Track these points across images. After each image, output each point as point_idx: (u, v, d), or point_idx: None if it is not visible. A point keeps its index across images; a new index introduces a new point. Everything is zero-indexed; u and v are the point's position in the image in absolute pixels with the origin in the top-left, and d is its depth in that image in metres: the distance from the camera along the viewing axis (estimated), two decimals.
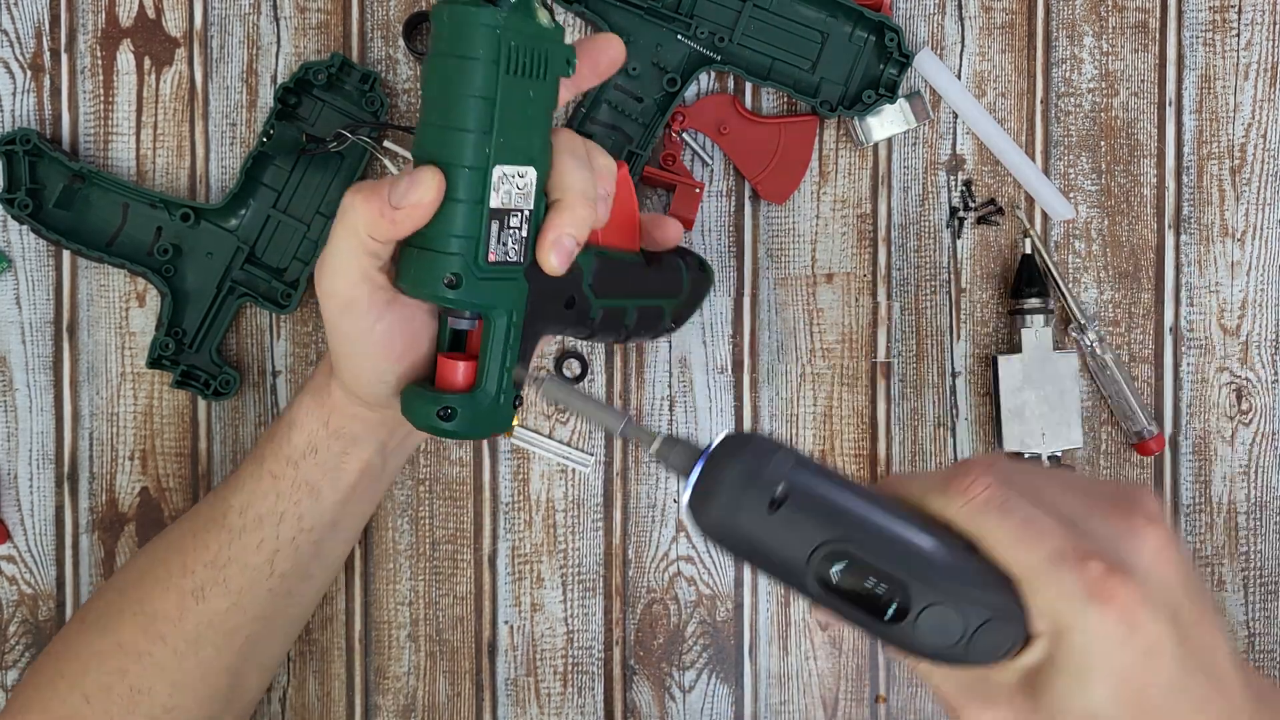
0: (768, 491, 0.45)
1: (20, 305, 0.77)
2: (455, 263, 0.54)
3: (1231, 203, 0.79)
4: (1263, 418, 0.80)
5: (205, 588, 0.65)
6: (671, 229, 0.66)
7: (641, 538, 0.79)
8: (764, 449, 0.47)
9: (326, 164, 0.76)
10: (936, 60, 0.78)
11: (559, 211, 0.56)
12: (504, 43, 0.53)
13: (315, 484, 0.65)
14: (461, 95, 0.53)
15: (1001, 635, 0.45)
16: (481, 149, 0.54)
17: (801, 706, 0.79)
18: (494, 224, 0.55)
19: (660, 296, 0.67)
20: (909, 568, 0.45)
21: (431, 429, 0.57)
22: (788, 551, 0.46)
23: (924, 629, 0.45)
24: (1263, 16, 0.79)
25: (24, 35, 0.77)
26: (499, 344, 0.57)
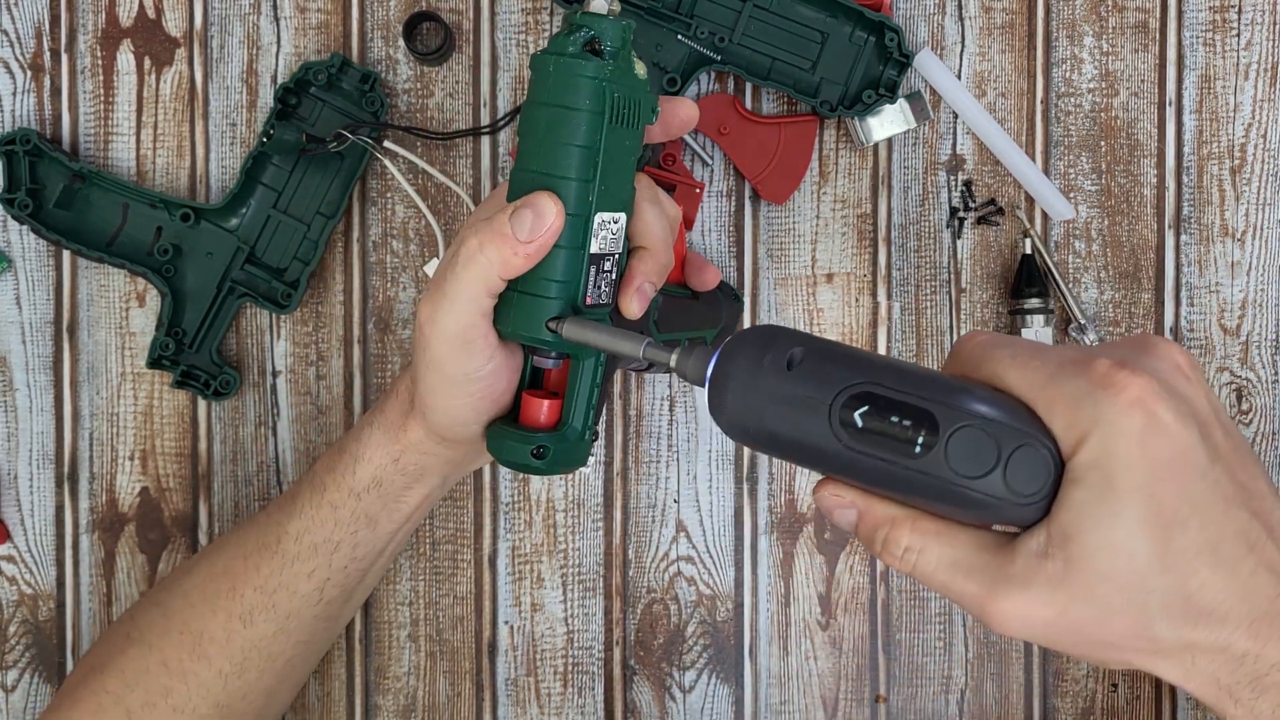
0: (782, 355, 0.45)
1: (20, 305, 0.77)
2: (557, 307, 0.56)
3: (1231, 203, 0.79)
4: (1263, 418, 0.80)
5: (254, 612, 0.66)
6: (710, 275, 0.68)
7: (641, 538, 0.79)
8: (771, 330, 0.47)
9: (326, 164, 0.76)
10: (936, 60, 0.78)
11: (643, 259, 0.58)
12: (608, 94, 0.54)
13: (374, 516, 0.65)
14: (567, 145, 0.54)
15: (1038, 461, 0.42)
16: (585, 197, 0.55)
17: (801, 706, 0.79)
18: (592, 268, 0.56)
19: (705, 328, 0.69)
20: (934, 397, 0.43)
21: (524, 467, 0.58)
22: (809, 407, 0.44)
23: (956, 454, 0.43)
24: (1263, 16, 0.79)
25: (24, 35, 0.77)
26: (586, 383, 0.58)
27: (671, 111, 0.60)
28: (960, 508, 0.44)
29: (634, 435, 0.79)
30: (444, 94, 0.78)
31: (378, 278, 0.78)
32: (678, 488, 0.79)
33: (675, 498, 0.79)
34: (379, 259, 0.78)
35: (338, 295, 0.78)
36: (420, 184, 0.78)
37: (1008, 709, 0.79)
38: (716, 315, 0.70)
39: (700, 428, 0.79)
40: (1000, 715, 0.79)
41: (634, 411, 0.79)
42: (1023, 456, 0.42)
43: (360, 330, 0.78)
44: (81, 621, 0.78)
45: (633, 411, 0.79)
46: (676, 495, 0.79)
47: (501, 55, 0.78)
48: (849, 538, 0.79)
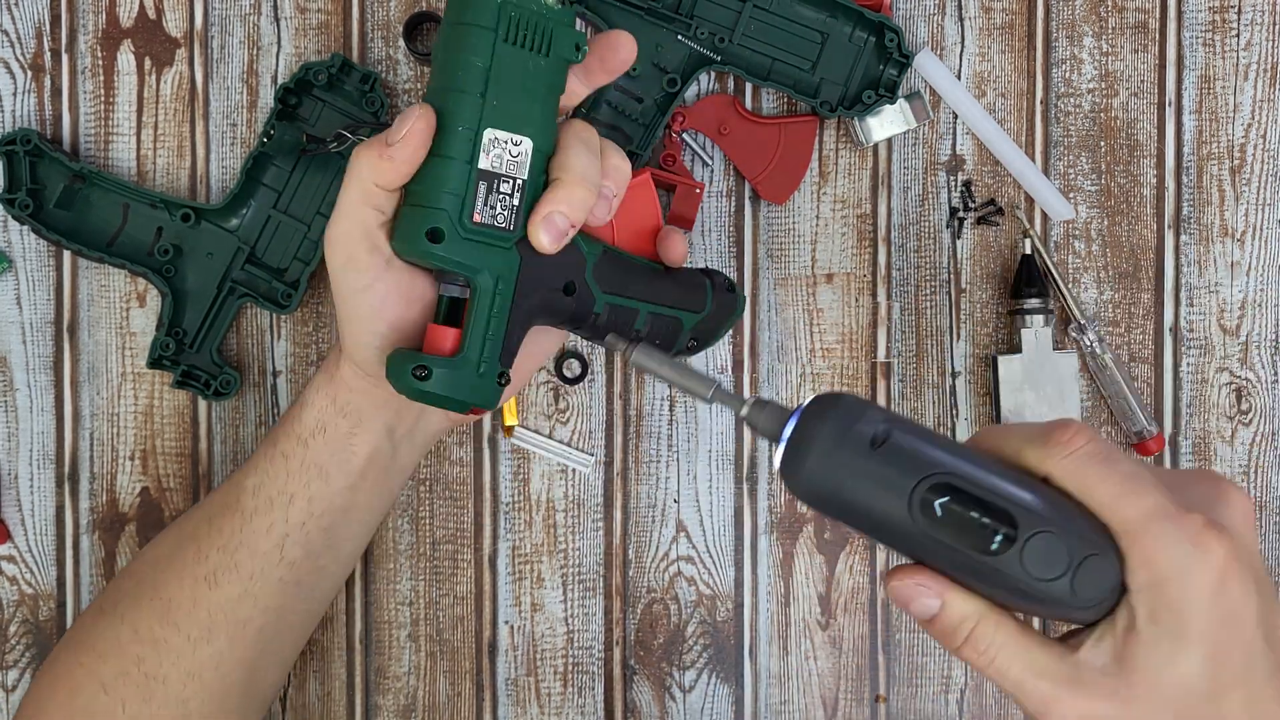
0: (868, 433, 0.46)
1: (21, 305, 0.78)
2: (439, 217, 0.56)
3: (1231, 203, 0.79)
4: (1262, 418, 0.80)
5: (218, 573, 0.66)
6: (676, 246, 0.67)
7: (641, 538, 0.79)
8: (856, 403, 0.47)
9: (327, 164, 0.76)
10: (936, 61, 0.78)
11: (554, 188, 0.58)
12: (504, 13, 0.56)
13: (324, 465, 0.65)
14: (458, 58, 0.56)
15: (1105, 572, 0.46)
16: (474, 110, 0.56)
17: (801, 706, 0.79)
18: (481, 185, 0.57)
19: (679, 308, 0.67)
20: (1014, 498, 0.46)
21: (411, 390, 0.57)
22: (890, 488, 0.46)
23: (1031, 556, 0.45)
24: (1263, 16, 0.79)
25: (24, 35, 0.77)
26: (484, 309, 0.58)
27: (607, 48, 0.60)
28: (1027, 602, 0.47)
29: (634, 435, 0.79)
30: None
31: None
32: (678, 488, 0.79)
33: (675, 498, 0.79)
34: None
35: None
36: None
37: (1008, 709, 0.79)
38: (699, 300, 0.68)
39: (700, 428, 0.79)
40: (1000, 715, 0.79)
41: (634, 411, 0.79)
42: (1091, 566, 0.46)
43: None
44: None
45: (633, 411, 0.79)
46: (676, 495, 0.79)
47: None
48: (849, 537, 0.79)
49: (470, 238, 0.57)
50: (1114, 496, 0.47)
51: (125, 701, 0.66)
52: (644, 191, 0.65)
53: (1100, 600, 0.47)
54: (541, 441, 0.79)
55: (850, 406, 0.47)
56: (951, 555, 0.46)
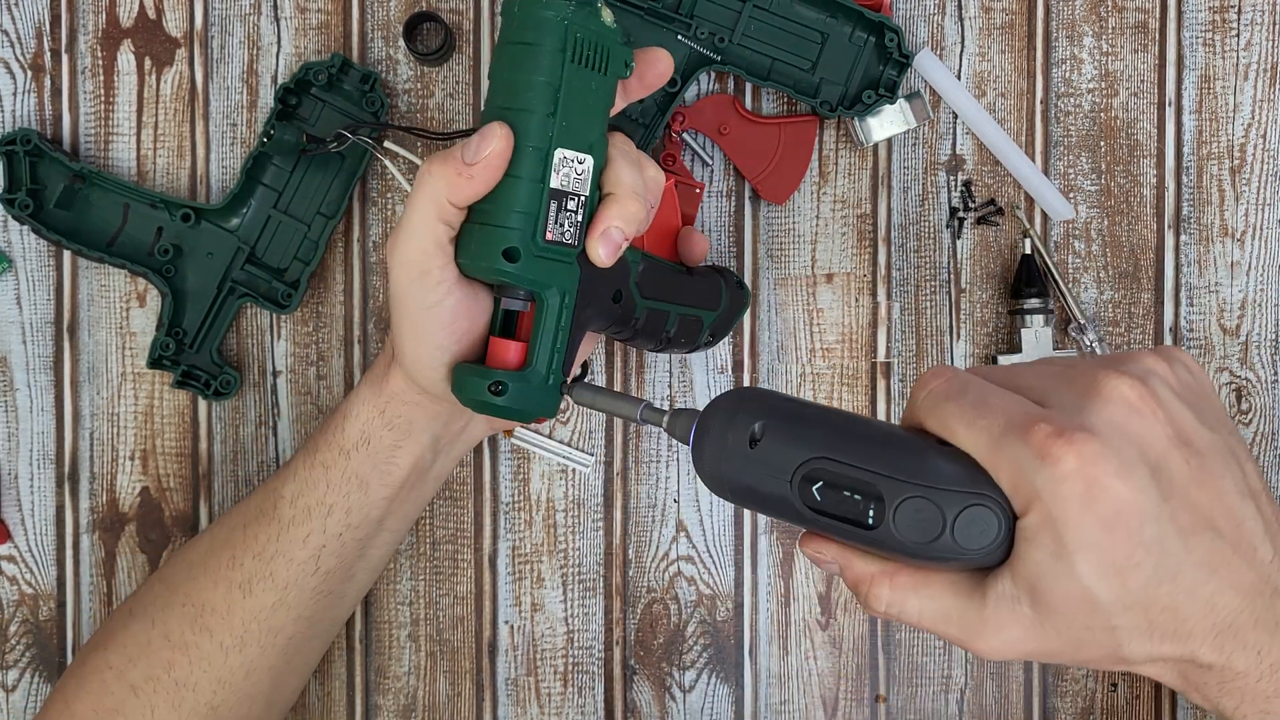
0: (744, 431, 0.48)
1: (21, 305, 0.78)
2: (514, 236, 0.57)
3: (1231, 203, 0.79)
4: (1262, 418, 0.80)
5: (253, 581, 0.66)
6: (698, 245, 0.69)
7: (641, 538, 0.79)
8: (741, 397, 0.50)
9: (327, 164, 0.76)
10: (936, 61, 0.78)
11: (610, 204, 0.59)
12: (570, 33, 0.57)
13: (365, 477, 0.66)
14: (529, 79, 0.57)
15: (985, 519, 0.45)
16: (545, 130, 0.57)
17: (801, 706, 0.79)
18: (552, 204, 0.58)
19: (700, 307, 0.69)
20: (878, 469, 0.46)
21: (483, 404, 0.59)
22: (772, 482, 0.48)
23: (903, 525, 0.45)
24: (1263, 16, 0.79)
25: (25, 35, 0.77)
26: (551, 324, 0.59)
27: (647, 64, 0.61)
28: (928, 564, 0.47)
29: (634, 435, 0.79)
30: (444, 94, 0.78)
31: (378, 278, 0.78)
32: (678, 488, 0.79)
33: (675, 498, 0.79)
34: (379, 259, 0.78)
35: (338, 295, 0.78)
36: None
37: (1007, 709, 0.79)
38: (715, 298, 0.70)
39: None
40: (1000, 715, 0.79)
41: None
42: (968, 518, 0.45)
43: (360, 330, 0.78)
44: (82, 621, 0.78)
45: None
46: (676, 495, 0.79)
47: None
48: None
49: (541, 255, 0.58)
50: (966, 427, 0.45)
51: (155, 706, 0.65)
52: (668, 197, 0.68)
53: (993, 543, 0.45)
54: (541, 441, 0.79)
55: (731, 407, 0.49)
56: (841, 531, 0.47)
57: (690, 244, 0.69)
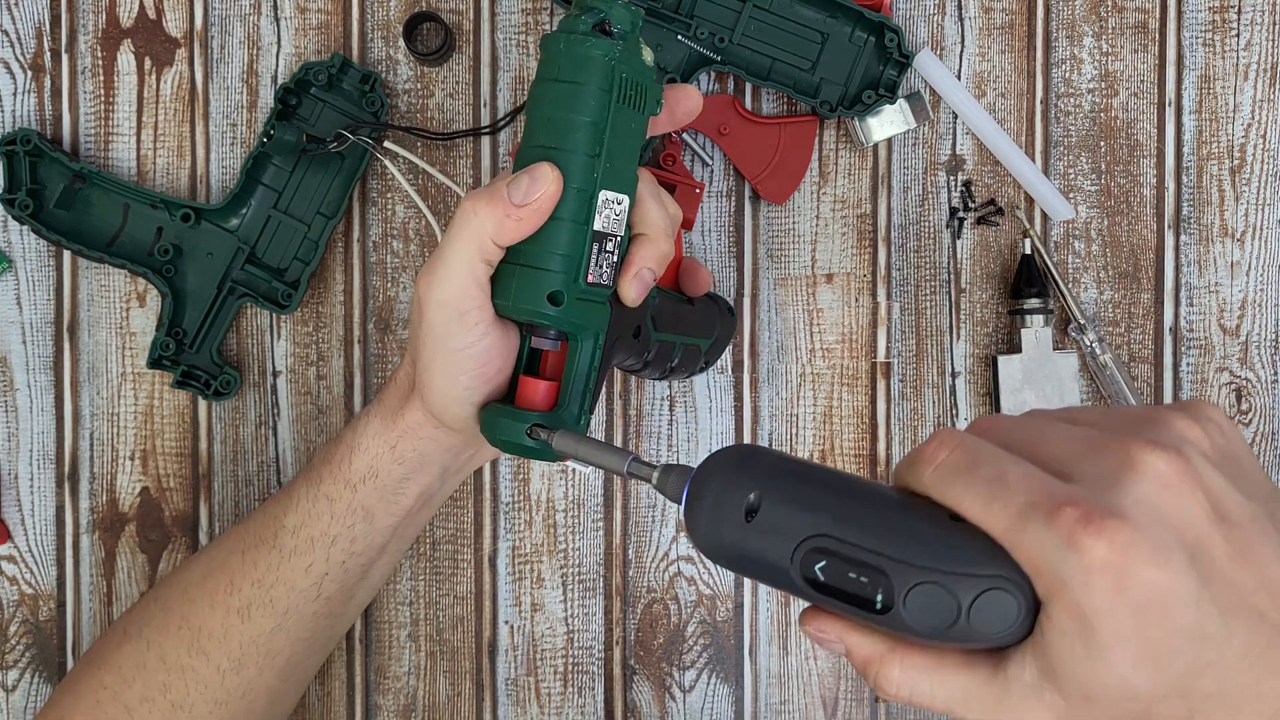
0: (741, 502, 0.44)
1: (21, 305, 0.78)
2: (558, 280, 0.56)
3: (1231, 203, 0.79)
4: (1262, 418, 0.80)
5: (251, 607, 0.65)
6: (703, 278, 0.68)
7: (641, 538, 0.79)
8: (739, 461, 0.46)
9: (327, 164, 0.76)
10: (936, 61, 0.78)
11: (643, 245, 0.58)
12: (616, 73, 0.55)
13: (371, 509, 0.65)
14: (574, 119, 0.55)
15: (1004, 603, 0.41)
16: (590, 172, 0.56)
17: (801, 706, 0.79)
18: (595, 246, 0.57)
19: (700, 336, 0.70)
20: (886, 552, 0.42)
21: (518, 449, 0.57)
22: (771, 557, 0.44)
23: (915, 612, 0.42)
24: (1263, 17, 0.79)
25: (25, 35, 0.77)
26: (584, 365, 0.58)
27: (677, 100, 0.60)
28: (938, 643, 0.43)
29: (634, 435, 0.79)
30: (444, 94, 0.78)
31: (378, 278, 0.78)
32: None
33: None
34: (379, 259, 0.78)
35: (338, 295, 0.78)
36: (420, 184, 0.78)
37: None
38: (711, 325, 0.70)
39: (700, 428, 0.79)
40: None
41: (634, 411, 0.79)
42: (986, 602, 0.41)
43: (360, 330, 0.78)
44: (82, 621, 0.78)
45: (633, 411, 0.79)
46: None
47: (501, 55, 0.78)
48: None
49: (583, 298, 0.57)
50: (982, 507, 0.41)
51: None
52: None
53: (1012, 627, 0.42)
54: None
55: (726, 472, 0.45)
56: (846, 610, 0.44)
57: (696, 276, 0.68)
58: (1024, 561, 0.41)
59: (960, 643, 0.42)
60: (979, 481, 0.42)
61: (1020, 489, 0.41)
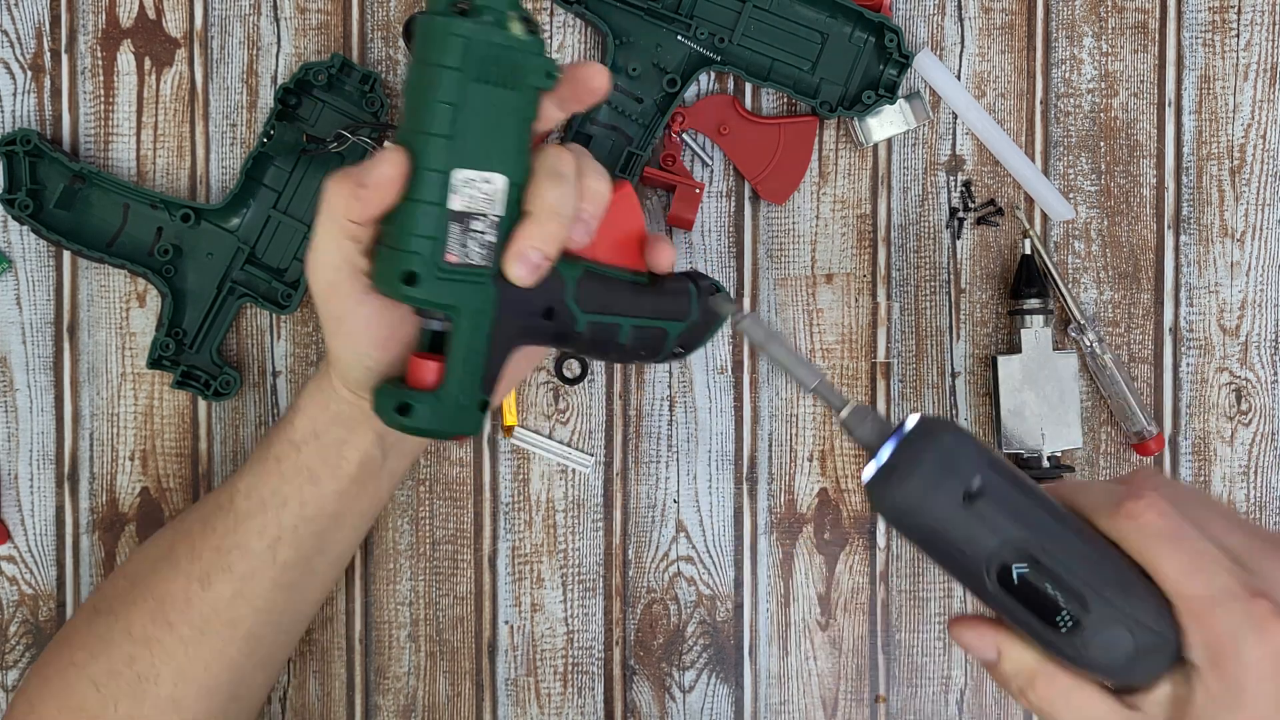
0: (964, 483, 0.46)
1: (21, 306, 0.78)
2: (413, 260, 0.56)
3: (1231, 203, 0.79)
4: (1262, 418, 0.80)
5: (211, 574, 0.66)
6: (662, 253, 0.65)
7: (641, 538, 0.79)
8: (961, 440, 0.47)
9: (327, 164, 0.76)
10: (936, 61, 0.78)
11: (525, 224, 0.57)
12: (471, 51, 0.54)
13: (315, 470, 0.66)
14: (427, 100, 0.55)
15: (1161, 658, 0.48)
16: (441, 152, 0.55)
17: (801, 706, 0.79)
18: (454, 225, 0.56)
19: (662, 319, 0.65)
20: (1092, 584, 0.47)
21: (392, 424, 0.58)
22: (974, 544, 0.46)
23: (1096, 645, 0.47)
24: (1262, 17, 0.79)
25: (24, 35, 0.77)
26: (461, 345, 0.58)
27: (579, 80, 0.59)
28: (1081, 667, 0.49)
29: (634, 435, 0.79)
30: None
31: None
32: (678, 488, 0.79)
33: (675, 498, 0.79)
34: None
35: None
36: None
37: (1007, 709, 0.79)
38: (682, 308, 0.66)
39: (700, 428, 0.79)
40: (1000, 715, 0.79)
41: (634, 411, 0.79)
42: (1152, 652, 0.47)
43: None
44: None
45: (632, 411, 0.79)
46: (676, 495, 0.79)
47: None
48: (848, 538, 0.79)
49: (446, 278, 0.56)
50: (1181, 574, 0.48)
51: (117, 701, 0.66)
52: (626, 202, 0.64)
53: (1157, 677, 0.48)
54: (541, 442, 0.79)
55: (953, 445, 0.47)
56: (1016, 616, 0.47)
57: (654, 252, 0.65)
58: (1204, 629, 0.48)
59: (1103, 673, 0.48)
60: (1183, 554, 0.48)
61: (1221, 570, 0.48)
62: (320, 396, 0.65)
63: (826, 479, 0.79)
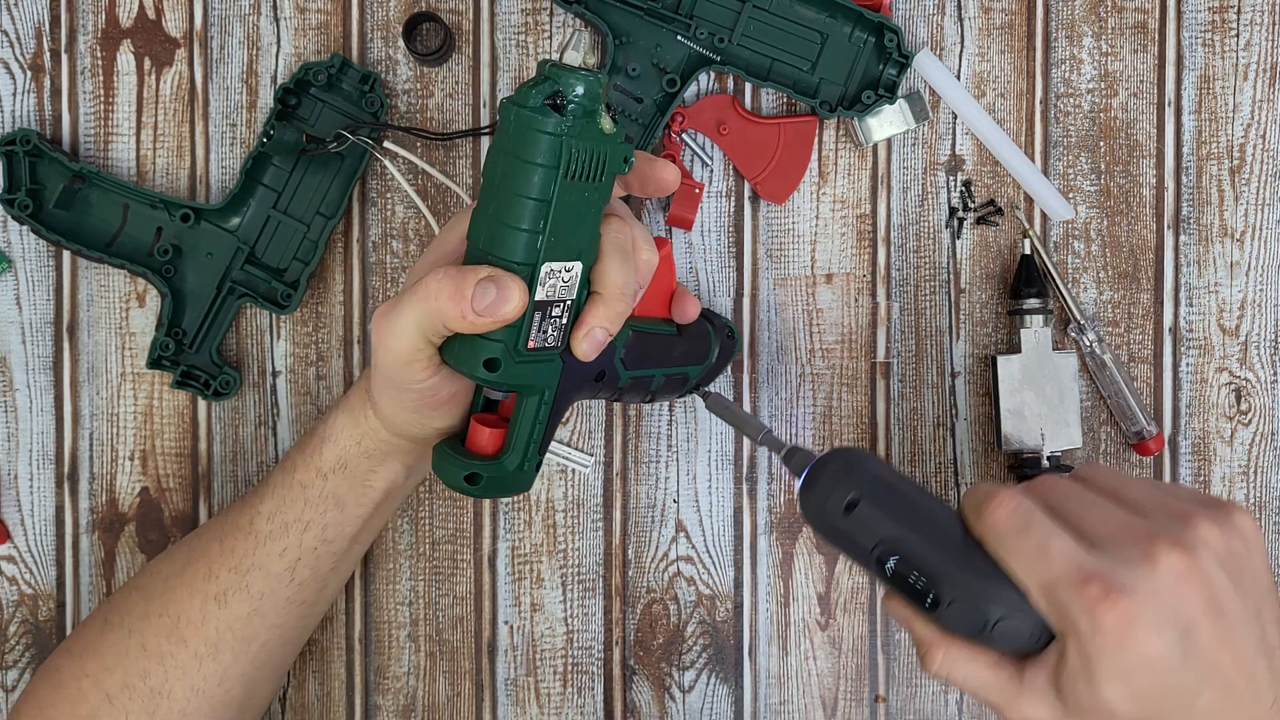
0: (843, 497, 0.58)
1: (20, 306, 0.78)
2: (495, 348, 0.56)
3: (1231, 203, 0.79)
4: (1262, 418, 0.80)
5: (228, 592, 0.67)
6: (690, 306, 0.68)
7: (641, 538, 0.79)
8: (851, 463, 0.60)
9: (326, 164, 0.76)
10: (936, 61, 0.78)
11: (596, 305, 0.58)
12: (565, 150, 0.54)
13: (341, 497, 0.67)
14: (518, 196, 0.54)
15: (1018, 630, 0.55)
16: (532, 248, 0.55)
17: (801, 706, 0.79)
18: (537, 314, 0.56)
19: (687, 364, 0.69)
20: (941, 567, 0.56)
21: (456, 488, 0.60)
22: (857, 545, 0.58)
23: (953, 617, 0.56)
24: (1262, 17, 0.79)
25: (24, 35, 0.77)
26: (528, 419, 0.59)
27: (651, 174, 0.61)
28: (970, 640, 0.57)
29: (634, 435, 0.79)
30: (444, 94, 0.78)
31: (378, 278, 0.78)
32: (677, 488, 0.79)
33: (675, 498, 0.79)
34: (379, 259, 0.78)
35: (338, 295, 0.78)
36: (420, 184, 0.78)
37: None
38: (701, 353, 0.70)
39: (700, 428, 0.79)
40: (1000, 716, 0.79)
41: (634, 411, 0.79)
42: (1005, 626, 0.55)
43: (360, 330, 0.78)
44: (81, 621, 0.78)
45: (632, 411, 0.79)
46: (676, 495, 0.79)
47: (501, 56, 0.78)
48: None
49: (523, 361, 0.57)
50: (1022, 566, 0.54)
51: (130, 713, 0.67)
52: (665, 263, 0.65)
53: (1024, 646, 0.56)
54: None
55: (841, 467, 0.60)
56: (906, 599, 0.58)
57: (682, 307, 0.68)
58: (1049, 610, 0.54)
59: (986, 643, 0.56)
60: (1025, 549, 0.55)
61: (1056, 561, 0.54)
62: (354, 430, 0.65)
63: None
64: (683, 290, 0.68)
